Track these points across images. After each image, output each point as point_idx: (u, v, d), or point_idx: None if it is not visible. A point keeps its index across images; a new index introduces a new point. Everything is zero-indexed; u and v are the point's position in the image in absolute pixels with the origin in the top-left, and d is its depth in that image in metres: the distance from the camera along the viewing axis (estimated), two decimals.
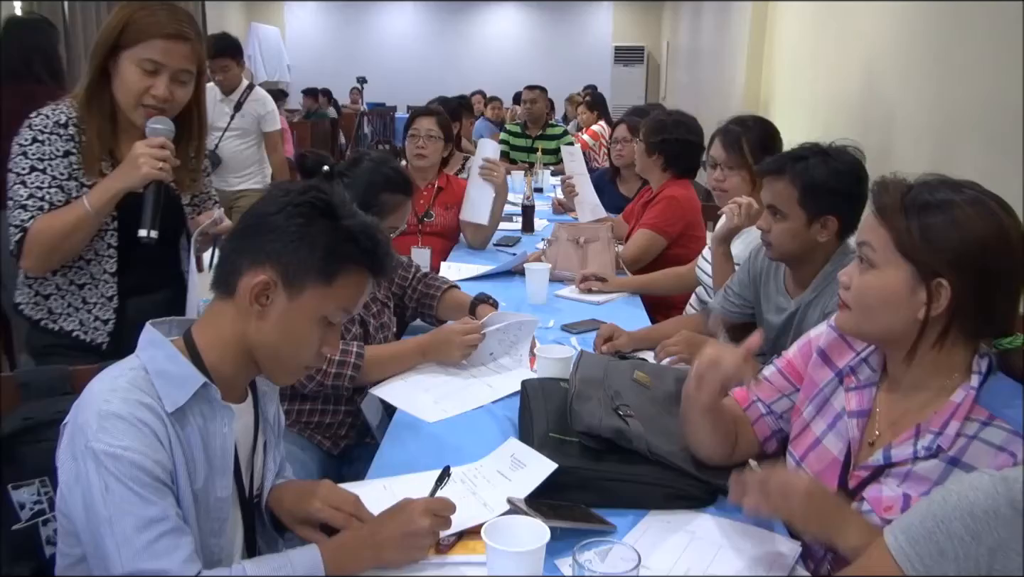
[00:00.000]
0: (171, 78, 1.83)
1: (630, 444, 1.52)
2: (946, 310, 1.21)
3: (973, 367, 1.24)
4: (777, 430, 1.53)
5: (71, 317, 1.94)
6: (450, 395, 1.96)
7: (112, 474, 1.13)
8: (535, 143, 6.06)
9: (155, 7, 1.85)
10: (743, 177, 2.51)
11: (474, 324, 2.11)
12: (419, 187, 3.52)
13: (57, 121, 1.86)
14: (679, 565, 1.30)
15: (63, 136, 1.86)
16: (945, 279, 1.20)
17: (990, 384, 1.22)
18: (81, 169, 1.86)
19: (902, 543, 0.95)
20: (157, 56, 1.81)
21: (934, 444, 1.22)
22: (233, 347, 1.29)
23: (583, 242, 3.13)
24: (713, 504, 1.49)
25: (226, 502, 1.31)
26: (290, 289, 1.25)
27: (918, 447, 1.25)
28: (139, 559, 1.12)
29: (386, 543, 1.27)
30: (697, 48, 10.53)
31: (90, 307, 1.94)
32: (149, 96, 1.83)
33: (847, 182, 1.86)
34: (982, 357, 1.24)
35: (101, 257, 1.94)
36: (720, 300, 2.33)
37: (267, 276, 1.24)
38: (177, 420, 1.22)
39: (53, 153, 1.84)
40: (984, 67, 3.16)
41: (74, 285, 1.93)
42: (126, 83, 1.83)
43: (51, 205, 1.82)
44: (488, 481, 1.50)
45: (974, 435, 1.20)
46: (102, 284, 1.94)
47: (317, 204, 1.27)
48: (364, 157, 2.34)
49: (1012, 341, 1.23)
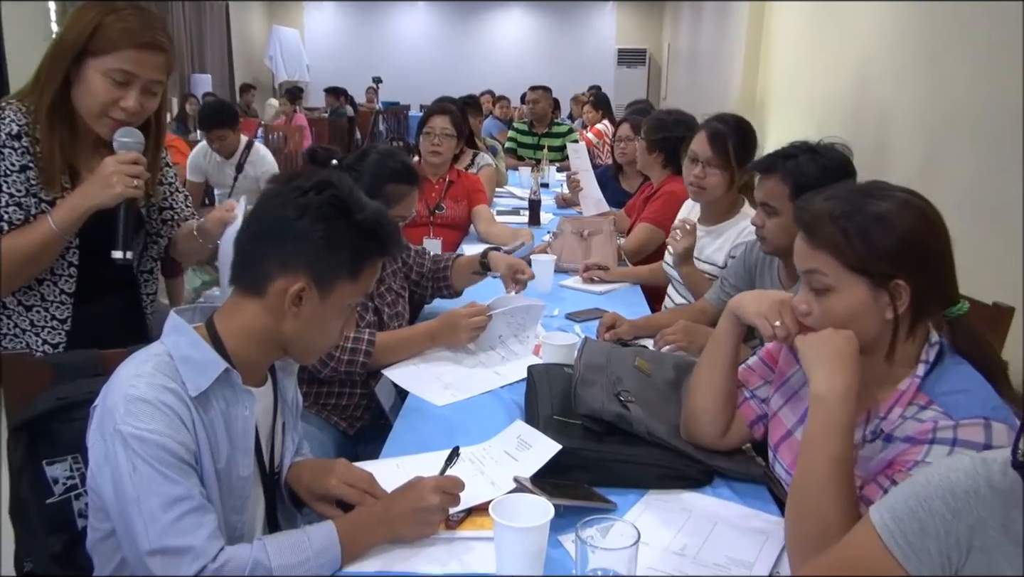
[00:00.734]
0: (142, 89, 1.64)
1: (630, 427, 1.52)
2: (910, 304, 1.21)
3: (921, 356, 1.25)
4: (762, 415, 1.53)
5: (17, 339, 1.71)
6: (459, 380, 1.96)
7: (139, 455, 1.14)
8: (541, 140, 6.05)
9: (126, 10, 1.62)
10: (723, 177, 2.50)
11: (479, 307, 2.10)
12: (431, 181, 3.54)
13: (9, 132, 1.61)
14: (676, 541, 1.31)
15: (17, 149, 1.62)
16: (900, 278, 1.20)
17: (936, 372, 1.23)
18: (39, 184, 1.64)
19: (886, 520, 0.96)
20: (129, 67, 1.60)
21: (878, 428, 1.25)
22: (256, 336, 1.29)
23: (587, 235, 3.13)
24: (709, 484, 1.49)
25: (248, 480, 1.31)
26: (322, 290, 1.27)
27: (866, 431, 1.27)
28: (165, 536, 1.13)
29: (398, 519, 1.27)
30: (696, 50, 10.50)
31: (38, 330, 1.72)
32: (118, 109, 1.63)
33: (836, 178, 1.85)
34: (932, 346, 1.25)
35: (58, 277, 1.71)
36: (716, 292, 2.33)
37: (302, 283, 1.25)
38: (200, 404, 1.23)
39: (7, 169, 1.61)
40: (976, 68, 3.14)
41: (21, 306, 1.70)
42: (92, 93, 1.62)
43: (10, 225, 1.61)
44: (495, 461, 1.51)
45: (911, 417, 1.21)
46: (54, 306, 1.72)
47: (334, 204, 1.27)
48: (371, 151, 2.33)
49: (960, 308, 1.26)
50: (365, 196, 1.33)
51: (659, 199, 3.30)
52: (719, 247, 2.58)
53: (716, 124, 2.53)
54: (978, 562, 0.91)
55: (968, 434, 1.12)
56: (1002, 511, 0.90)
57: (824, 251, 1.24)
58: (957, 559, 0.92)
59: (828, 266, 1.24)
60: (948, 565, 0.92)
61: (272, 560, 1.18)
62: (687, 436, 1.54)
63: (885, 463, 1.20)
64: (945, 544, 0.92)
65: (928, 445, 1.14)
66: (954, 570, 0.92)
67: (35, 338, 1.72)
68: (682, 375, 1.73)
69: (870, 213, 1.22)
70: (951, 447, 1.12)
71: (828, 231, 1.23)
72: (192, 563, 1.12)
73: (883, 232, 1.20)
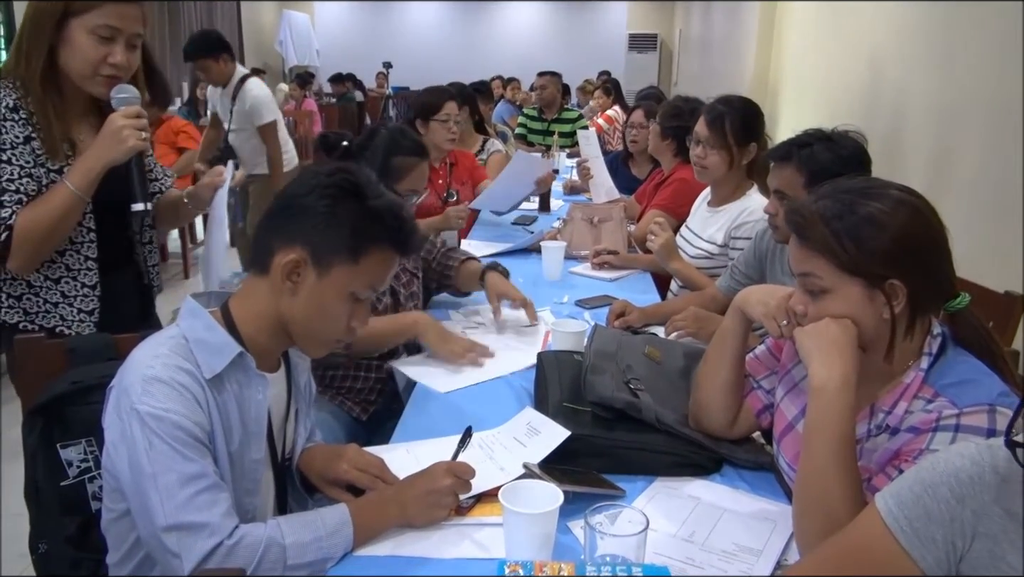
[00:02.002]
0: (126, 43, 1.66)
1: (640, 414, 1.52)
2: (907, 303, 1.21)
3: (924, 348, 1.24)
4: (769, 404, 1.53)
5: (50, 314, 1.73)
6: (464, 368, 1.95)
7: (156, 433, 1.15)
8: (551, 127, 6.03)
9: None
10: (722, 156, 2.52)
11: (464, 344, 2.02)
12: (435, 168, 3.50)
13: (7, 106, 1.62)
14: (684, 528, 1.31)
15: (18, 121, 1.63)
16: (895, 278, 1.19)
17: (940, 364, 1.23)
18: (44, 155, 1.65)
19: (891, 506, 0.96)
20: (113, 21, 1.63)
21: (884, 422, 1.24)
22: (267, 320, 1.30)
23: (597, 222, 3.12)
24: (718, 472, 1.49)
25: (260, 464, 1.32)
26: (319, 267, 1.26)
27: (871, 425, 1.26)
28: (181, 511, 1.14)
29: (411, 502, 1.28)
30: (709, 36, 10.42)
31: (70, 300, 1.74)
32: (107, 65, 1.65)
33: (851, 167, 1.83)
34: (934, 338, 1.24)
35: (78, 244, 1.73)
36: (727, 279, 2.32)
37: (297, 255, 1.25)
38: (214, 386, 1.24)
39: (13, 141, 1.62)
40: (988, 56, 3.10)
41: (49, 280, 1.72)
42: (81, 53, 1.63)
43: (27, 196, 1.61)
44: (505, 447, 1.51)
45: (918, 410, 1.20)
46: (82, 273, 1.74)
47: (345, 185, 1.27)
48: (380, 128, 2.37)
49: (960, 301, 1.25)
50: (386, 191, 1.33)
51: (670, 186, 3.29)
52: (720, 226, 2.60)
53: (716, 105, 2.56)
54: (982, 549, 0.91)
55: (972, 420, 1.11)
56: (1008, 496, 0.89)
57: (817, 254, 1.23)
58: (962, 545, 0.92)
59: (822, 269, 1.23)
60: (953, 552, 0.92)
61: (286, 538, 1.19)
62: (696, 426, 1.54)
63: (891, 453, 1.20)
64: (950, 530, 0.92)
65: (932, 433, 1.14)
66: (959, 557, 0.92)
67: (69, 309, 1.75)
68: (692, 363, 1.73)
69: (862, 214, 1.21)
70: (955, 433, 1.11)
71: (820, 234, 1.22)
72: (208, 539, 1.14)
73: (875, 233, 1.19)
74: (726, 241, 2.56)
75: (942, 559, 0.92)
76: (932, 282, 1.23)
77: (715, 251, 2.60)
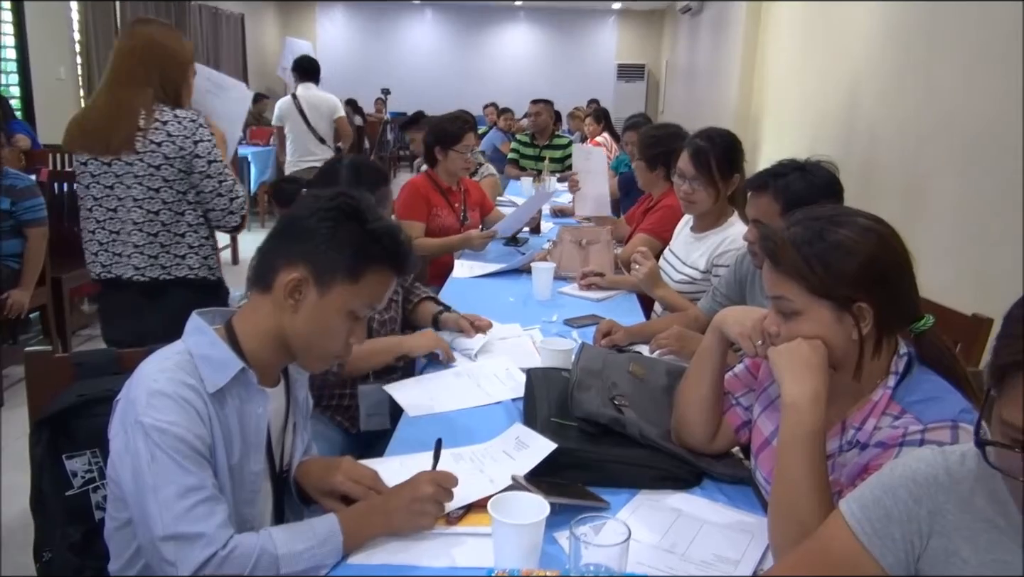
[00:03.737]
0: None
1: (624, 429, 1.53)
2: (874, 324, 1.23)
3: (891, 367, 1.26)
4: (747, 421, 1.54)
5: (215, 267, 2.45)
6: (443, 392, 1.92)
7: (158, 445, 1.16)
8: (542, 152, 6.07)
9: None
10: (709, 192, 2.56)
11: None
12: (454, 191, 3.62)
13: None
14: (666, 539, 1.32)
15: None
16: (863, 301, 1.22)
17: (906, 383, 1.25)
18: None
19: (854, 509, 1.00)
20: None
21: (854, 438, 1.26)
22: (269, 336, 1.32)
23: (585, 244, 3.15)
24: (698, 486, 1.51)
25: (259, 476, 1.33)
26: (320, 286, 1.28)
27: (843, 441, 1.28)
28: (179, 522, 1.15)
29: (395, 511, 1.29)
30: (693, 66, 10.53)
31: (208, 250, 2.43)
32: None
33: (824, 195, 1.86)
34: (901, 357, 1.27)
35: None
36: (709, 301, 2.35)
37: (300, 274, 1.27)
38: (217, 400, 1.25)
39: None
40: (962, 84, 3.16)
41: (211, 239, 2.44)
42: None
43: None
44: (494, 460, 1.52)
45: (885, 426, 1.23)
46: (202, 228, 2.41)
47: (346, 209, 1.30)
48: (337, 165, 2.24)
49: (925, 323, 1.27)
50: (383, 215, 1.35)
51: (658, 211, 3.32)
52: (702, 253, 2.63)
53: (698, 142, 2.57)
54: (938, 546, 0.94)
55: (936, 436, 1.13)
56: (967, 495, 0.93)
57: (789, 278, 1.26)
58: (919, 544, 0.96)
59: (793, 292, 1.26)
60: (911, 550, 0.96)
61: (278, 548, 1.20)
62: (678, 441, 1.56)
63: (860, 468, 1.22)
64: (908, 529, 0.96)
65: (899, 447, 1.16)
66: (916, 555, 0.96)
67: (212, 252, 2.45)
68: (674, 381, 1.74)
69: (830, 240, 1.24)
70: (919, 448, 1.14)
71: (791, 259, 1.25)
72: (204, 549, 1.15)
73: (843, 258, 1.22)
74: (708, 268, 2.59)
75: (901, 557, 0.96)
76: (898, 304, 1.25)
77: (698, 276, 2.62)
